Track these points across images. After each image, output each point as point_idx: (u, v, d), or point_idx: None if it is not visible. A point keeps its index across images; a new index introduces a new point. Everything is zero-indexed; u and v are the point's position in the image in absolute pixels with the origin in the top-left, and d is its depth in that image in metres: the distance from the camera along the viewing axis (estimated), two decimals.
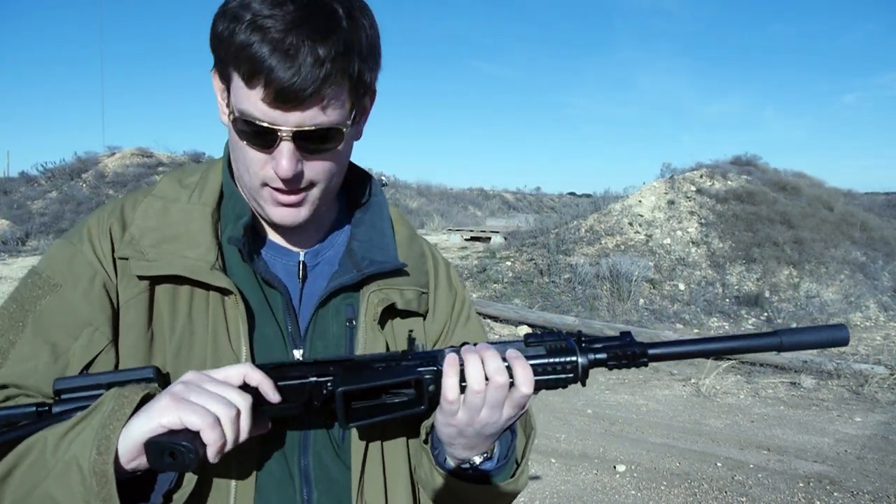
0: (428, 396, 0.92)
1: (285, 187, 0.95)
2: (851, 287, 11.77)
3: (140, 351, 0.95)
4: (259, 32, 0.86)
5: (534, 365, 0.92)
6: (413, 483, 1.09)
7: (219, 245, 1.00)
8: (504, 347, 0.94)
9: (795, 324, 10.54)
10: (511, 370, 0.91)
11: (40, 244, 17.73)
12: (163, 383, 0.90)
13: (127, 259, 0.97)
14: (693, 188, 14.12)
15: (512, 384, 0.91)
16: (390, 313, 1.08)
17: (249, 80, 0.88)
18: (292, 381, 0.91)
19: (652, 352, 0.94)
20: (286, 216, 1.00)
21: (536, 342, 0.95)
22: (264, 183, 0.96)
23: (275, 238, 1.08)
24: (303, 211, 1.00)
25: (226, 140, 1.09)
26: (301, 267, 1.07)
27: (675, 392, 7.30)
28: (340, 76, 0.89)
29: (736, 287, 11.64)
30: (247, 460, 0.95)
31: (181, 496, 0.87)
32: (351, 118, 0.96)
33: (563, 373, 0.93)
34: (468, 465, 1.02)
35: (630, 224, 13.25)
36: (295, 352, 1.02)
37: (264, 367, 0.92)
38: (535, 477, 5.04)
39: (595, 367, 0.94)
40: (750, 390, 7.32)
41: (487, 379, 0.90)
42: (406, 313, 1.10)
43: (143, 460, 0.80)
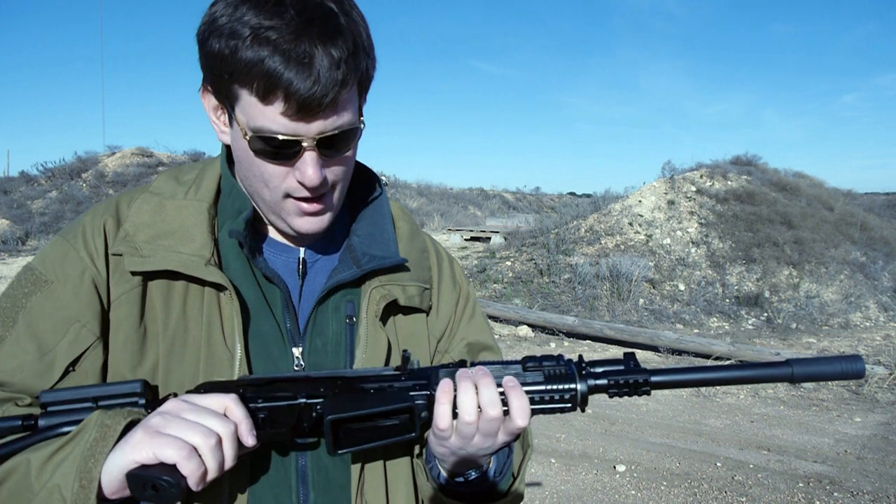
0: (420, 423, 0.90)
1: (311, 195, 0.95)
2: (851, 287, 11.77)
3: (132, 347, 0.94)
4: (267, 45, 0.83)
5: (531, 392, 0.89)
6: (415, 483, 1.08)
7: (215, 241, 0.99)
8: (501, 371, 0.92)
9: (795, 324, 10.54)
10: (506, 399, 0.89)
11: (40, 244, 17.72)
12: (151, 396, 0.89)
13: (121, 255, 0.96)
14: (693, 188, 14.12)
15: (507, 413, 0.89)
16: (392, 309, 1.07)
17: (266, 97, 0.85)
18: (281, 403, 0.89)
19: (655, 379, 0.90)
20: (312, 225, 0.99)
21: (535, 367, 0.92)
22: (287, 195, 0.95)
23: (274, 235, 1.07)
24: (325, 218, 1.00)
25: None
26: (301, 263, 1.06)
27: (675, 392, 7.30)
28: (354, 76, 0.89)
29: (736, 287, 11.64)
30: (240, 464, 0.94)
31: None
32: (360, 115, 0.96)
33: (561, 402, 0.90)
34: (462, 479, 1.01)
35: (630, 224, 13.25)
36: (294, 349, 1.01)
37: (256, 382, 0.90)
38: (536, 483, 5.04)
39: (595, 394, 0.91)
40: (750, 390, 7.33)
41: (480, 409, 0.88)
42: (409, 309, 1.09)
43: (128, 491, 0.80)
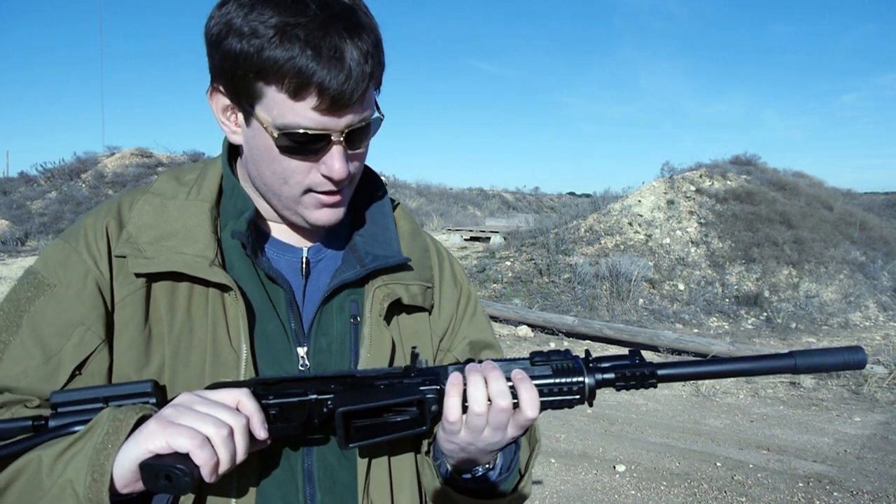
0: (430, 416, 0.90)
1: (336, 189, 0.96)
2: (851, 287, 11.77)
3: (137, 349, 0.94)
4: (295, 42, 0.84)
5: (539, 385, 0.90)
6: (419, 483, 1.08)
7: (218, 241, 0.99)
8: (509, 366, 0.92)
9: (795, 324, 10.54)
10: (516, 392, 0.89)
11: (39, 244, 17.71)
12: (161, 397, 0.89)
13: (124, 257, 0.96)
14: (692, 188, 14.12)
15: (516, 406, 0.90)
16: (396, 309, 1.07)
17: (297, 93, 0.86)
18: (291, 399, 0.89)
19: (661, 372, 0.92)
20: (330, 217, 1.00)
21: (542, 361, 0.93)
22: (308, 190, 0.96)
23: (277, 235, 1.07)
24: (341, 210, 1.01)
25: (223, 137, 1.08)
26: (304, 263, 1.06)
27: (675, 392, 7.30)
28: (378, 69, 0.91)
29: (735, 287, 11.64)
30: (248, 461, 0.94)
31: None
32: (375, 107, 0.98)
33: (570, 394, 0.91)
34: (469, 476, 1.01)
35: (629, 224, 13.25)
36: (298, 349, 1.01)
37: (266, 382, 0.91)
38: (536, 483, 5.04)
39: (602, 388, 0.92)
40: (749, 390, 7.33)
41: (490, 401, 0.89)
42: (412, 308, 1.10)
43: (140, 485, 0.80)
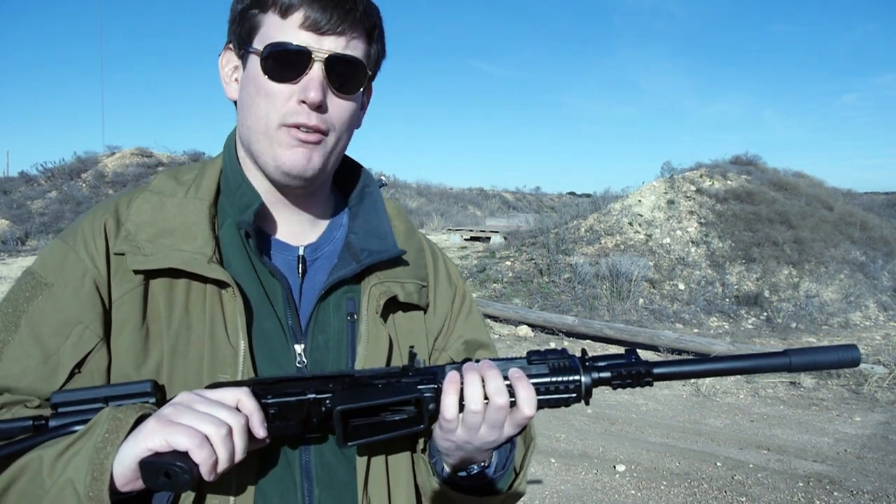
0: (428, 415, 0.91)
1: (309, 122, 0.97)
2: (851, 287, 11.77)
3: (135, 347, 0.94)
4: None
5: (536, 384, 0.91)
6: (415, 480, 1.08)
7: (216, 239, 1.00)
8: (507, 365, 0.93)
9: (795, 324, 10.54)
10: (513, 390, 0.90)
11: (40, 244, 17.72)
12: (160, 396, 0.90)
13: (123, 254, 0.96)
14: (693, 188, 14.12)
15: (513, 404, 0.90)
16: (392, 306, 1.08)
17: (286, 12, 0.95)
18: (290, 398, 0.89)
19: (657, 371, 0.92)
20: (300, 158, 0.99)
21: (539, 360, 0.93)
22: (282, 123, 0.97)
23: (275, 233, 1.08)
24: (315, 156, 1.00)
25: (226, 137, 1.10)
26: (300, 261, 1.07)
27: (675, 392, 7.30)
28: (366, 19, 0.99)
29: (735, 287, 11.64)
30: (247, 458, 0.94)
31: None
32: (366, 80, 1.03)
33: (566, 392, 0.91)
34: (465, 473, 1.02)
35: (630, 224, 13.25)
36: (296, 346, 1.01)
37: (264, 382, 0.91)
38: (536, 483, 5.04)
39: (599, 386, 0.92)
40: (750, 390, 7.33)
41: (487, 399, 0.89)
42: (407, 307, 1.10)
43: (140, 483, 0.80)
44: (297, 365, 1.01)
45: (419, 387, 0.91)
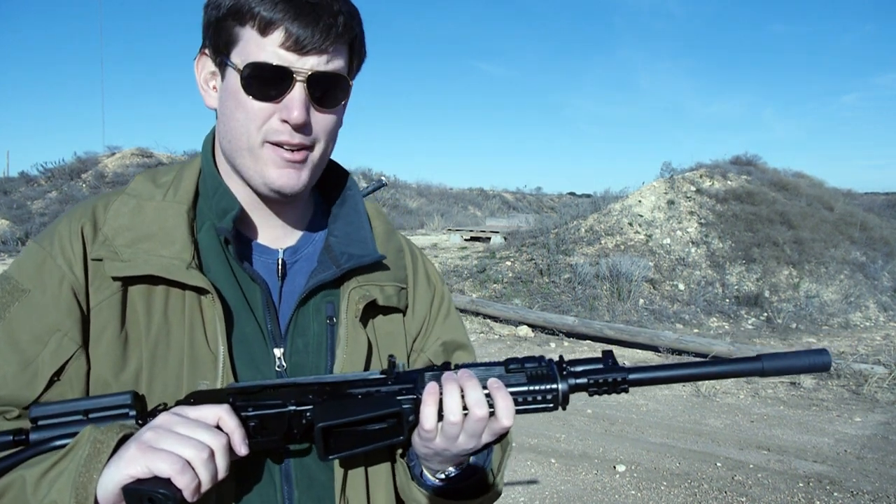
0: (408, 426, 0.91)
1: (292, 140, 0.95)
2: (851, 287, 11.77)
3: (114, 353, 0.93)
4: None
5: (514, 393, 0.92)
6: (394, 479, 1.09)
7: (195, 243, 0.99)
8: (485, 374, 0.94)
9: (795, 324, 10.54)
10: (492, 400, 0.90)
11: None
12: (141, 408, 0.89)
13: (101, 260, 0.95)
14: (693, 188, 14.13)
15: (492, 414, 0.91)
16: (371, 310, 1.07)
17: (266, 29, 0.92)
18: (271, 411, 0.89)
19: (633, 377, 0.94)
20: (289, 179, 0.98)
21: (517, 368, 0.94)
22: (266, 140, 0.96)
23: (254, 236, 1.07)
24: (303, 174, 0.99)
25: (203, 138, 1.08)
26: (280, 265, 1.06)
27: (675, 392, 7.30)
28: (348, 31, 0.96)
29: (736, 287, 11.65)
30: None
31: None
32: (349, 91, 1.01)
33: (543, 402, 0.93)
34: (443, 476, 1.03)
35: (630, 224, 13.25)
36: (275, 350, 1.01)
37: (244, 390, 0.91)
38: (536, 483, 5.04)
39: (576, 393, 0.94)
40: (750, 390, 7.33)
41: (466, 410, 0.90)
42: (387, 309, 1.10)
43: None
44: (277, 369, 1.00)
45: (398, 398, 0.92)
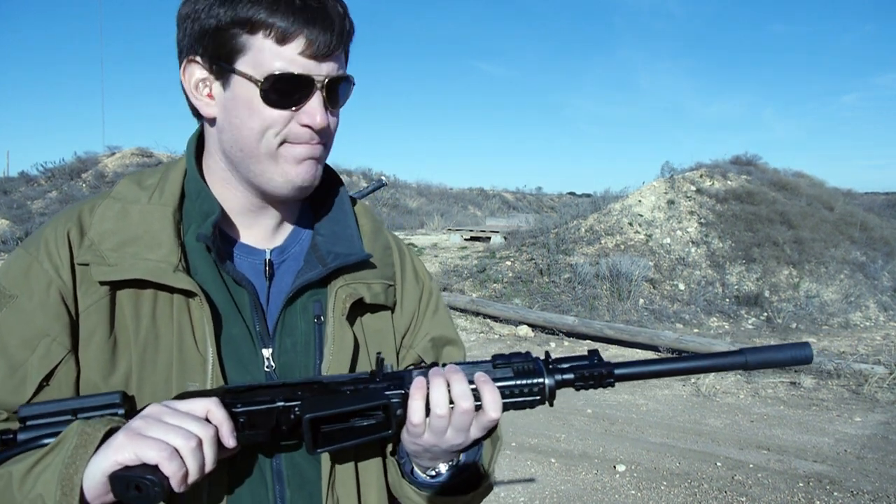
0: (396, 420, 0.92)
1: (312, 142, 0.98)
2: (851, 287, 11.77)
3: (103, 357, 0.93)
4: None
5: (501, 387, 0.93)
6: (386, 478, 1.09)
7: (181, 245, 0.99)
8: (472, 369, 0.95)
9: (795, 324, 10.54)
10: (478, 394, 0.91)
11: None
12: (129, 407, 0.89)
13: (87, 265, 0.95)
14: (693, 188, 14.13)
15: (479, 408, 0.92)
16: (359, 308, 1.08)
17: (284, 38, 0.92)
18: (259, 406, 0.90)
19: (618, 372, 0.95)
20: (307, 174, 1.00)
21: (504, 363, 0.95)
22: (283, 142, 0.97)
23: (240, 237, 1.07)
24: (318, 169, 1.03)
25: (187, 140, 1.08)
26: (267, 265, 1.06)
27: (675, 392, 7.30)
28: (352, 30, 1.00)
29: (736, 287, 11.65)
30: (218, 464, 0.93)
31: None
32: (352, 89, 1.03)
33: (531, 395, 0.94)
34: (434, 472, 1.03)
35: (630, 224, 13.25)
36: (264, 351, 1.01)
37: (235, 390, 0.91)
38: (536, 483, 5.04)
39: (562, 388, 0.95)
40: (750, 390, 7.33)
41: (453, 403, 0.91)
42: (375, 307, 1.10)
43: (110, 496, 0.80)
44: (266, 369, 1.00)
45: (386, 392, 0.92)
